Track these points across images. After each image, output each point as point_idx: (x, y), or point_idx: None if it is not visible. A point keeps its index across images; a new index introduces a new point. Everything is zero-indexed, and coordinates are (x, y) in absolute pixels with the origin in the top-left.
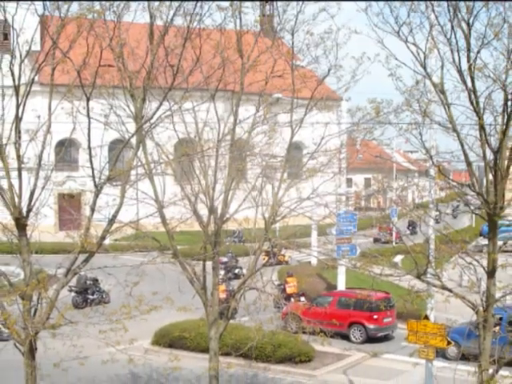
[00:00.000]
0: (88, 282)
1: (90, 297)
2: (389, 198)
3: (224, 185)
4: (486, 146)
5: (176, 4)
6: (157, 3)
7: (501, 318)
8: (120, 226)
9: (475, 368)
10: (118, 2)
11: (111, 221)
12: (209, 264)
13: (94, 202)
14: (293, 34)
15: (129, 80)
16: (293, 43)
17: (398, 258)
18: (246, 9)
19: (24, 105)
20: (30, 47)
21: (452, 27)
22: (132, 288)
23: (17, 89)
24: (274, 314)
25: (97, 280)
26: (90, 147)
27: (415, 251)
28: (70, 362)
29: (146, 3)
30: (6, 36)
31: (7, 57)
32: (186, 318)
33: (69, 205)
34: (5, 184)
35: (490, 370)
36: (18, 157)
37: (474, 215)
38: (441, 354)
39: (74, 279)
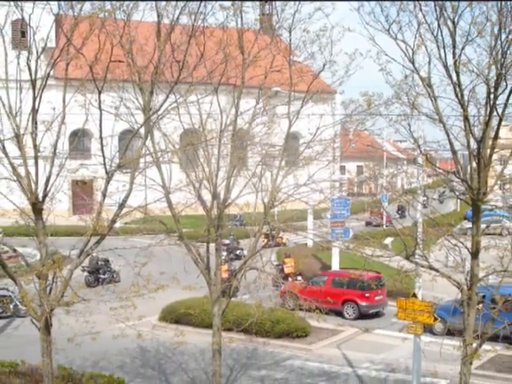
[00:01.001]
0: (100, 263)
1: (102, 276)
2: (380, 184)
3: (226, 172)
4: (470, 135)
5: (181, 4)
6: (164, 3)
7: (484, 296)
8: (129, 211)
9: (460, 342)
10: (127, 2)
11: (121, 205)
12: (212, 246)
13: (105, 188)
14: (290, 32)
15: (137, 74)
16: (290, 40)
17: (388, 240)
18: (247, 8)
19: (40, 97)
20: (45, 44)
21: (438, 25)
22: (140, 268)
23: (33, 83)
24: (272, 292)
25: (108, 261)
26: (101, 137)
27: (404, 234)
28: (82, 337)
29: (153, 3)
30: (23, 34)
31: (24, 53)
32: (190, 296)
33: (82, 190)
34: (22, 171)
35: (474, 345)
36: (35, 146)
37: (458, 200)
38: (428, 329)
39: (86, 260)
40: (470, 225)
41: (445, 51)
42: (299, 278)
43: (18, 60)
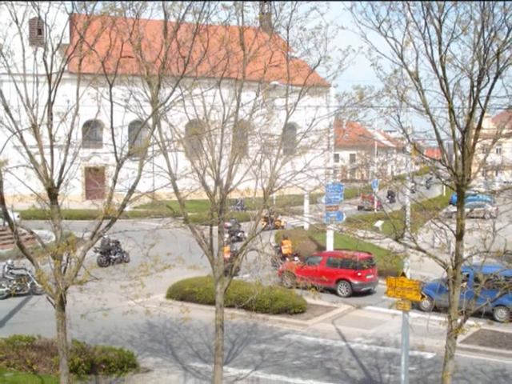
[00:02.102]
0: (111, 244)
1: (113, 257)
2: (371, 171)
3: (228, 160)
4: (455, 126)
5: (187, 3)
6: (170, 3)
7: (468, 275)
8: (138, 196)
9: (445, 318)
10: (136, 2)
11: (131, 191)
12: (215, 228)
13: (116, 175)
14: (288, 30)
15: (146, 69)
16: (288, 37)
17: (379, 223)
18: (247, 8)
19: (55, 91)
20: (60, 41)
21: (425, 23)
22: (149, 249)
23: (49, 77)
24: (271, 271)
25: (118, 242)
26: (112, 127)
27: (394, 217)
28: (95, 313)
29: (161, 3)
30: (39, 31)
31: (41, 49)
32: (195, 275)
33: (94, 177)
34: (39, 159)
35: (459, 320)
36: (50, 136)
37: (444, 186)
38: (416, 306)
39: (98, 241)
40: (454, 209)
41: (431, 47)
42: (296, 258)
43: (35, 56)
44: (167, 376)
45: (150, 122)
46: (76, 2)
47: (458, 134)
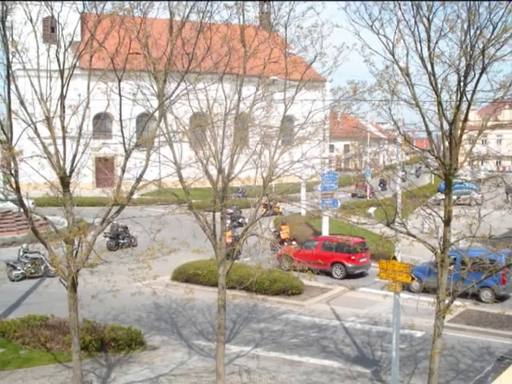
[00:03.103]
0: (119, 229)
1: (121, 241)
2: (364, 161)
3: (230, 150)
4: (443, 118)
5: (191, 3)
6: (175, 3)
7: (455, 259)
8: (145, 184)
9: (434, 299)
10: (143, 2)
11: (138, 179)
12: (217, 214)
13: (125, 164)
14: (286, 28)
15: (153, 65)
16: (286, 35)
17: (372, 210)
18: (248, 7)
19: (67, 85)
20: (72, 38)
21: (415, 22)
22: (155, 234)
23: (61, 72)
24: (270, 255)
25: (127, 227)
26: (121, 119)
27: (385, 204)
28: (104, 295)
29: (166, 3)
30: (52, 29)
31: (54, 46)
32: (199, 258)
33: (104, 166)
34: (52, 150)
35: (446, 301)
36: (63, 127)
37: (433, 175)
38: (406, 287)
39: (108, 227)
40: (442, 196)
41: (421, 45)
42: (294, 242)
43: (48, 52)
44: (173, 353)
45: (157, 114)
46: (87, 2)
47: (446, 126)
